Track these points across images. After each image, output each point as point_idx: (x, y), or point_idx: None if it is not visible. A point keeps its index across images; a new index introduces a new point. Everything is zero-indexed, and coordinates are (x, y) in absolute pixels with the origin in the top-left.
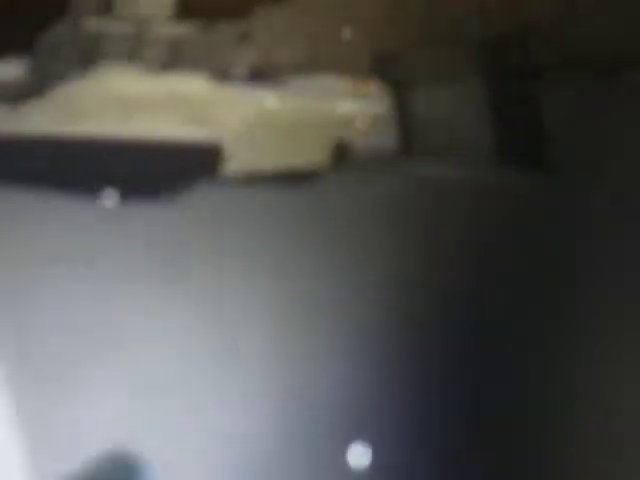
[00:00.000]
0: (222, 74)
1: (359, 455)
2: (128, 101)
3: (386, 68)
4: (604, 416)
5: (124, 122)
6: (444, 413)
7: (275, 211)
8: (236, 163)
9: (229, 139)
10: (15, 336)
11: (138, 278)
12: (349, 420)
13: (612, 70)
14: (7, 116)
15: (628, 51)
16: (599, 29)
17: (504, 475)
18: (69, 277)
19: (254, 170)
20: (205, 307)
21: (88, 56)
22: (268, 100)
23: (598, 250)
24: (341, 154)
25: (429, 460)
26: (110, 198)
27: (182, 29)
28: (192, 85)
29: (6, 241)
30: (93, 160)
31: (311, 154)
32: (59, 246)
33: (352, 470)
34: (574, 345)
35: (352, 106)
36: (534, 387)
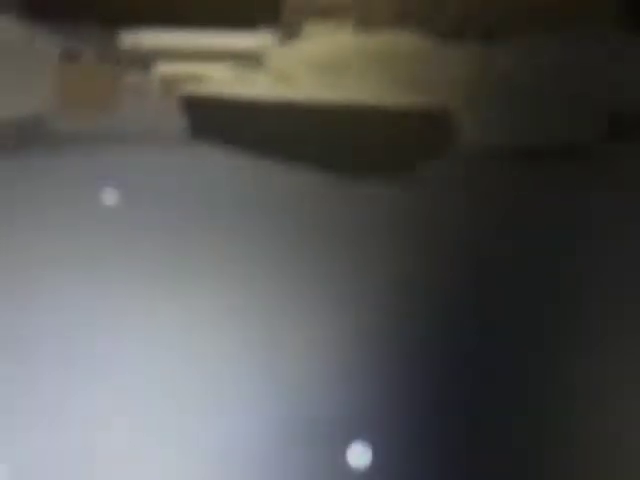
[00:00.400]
0: (443, 30)
1: (359, 455)
2: (334, 63)
3: None
4: (604, 416)
5: (331, 86)
6: (444, 413)
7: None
8: (470, 135)
9: (458, 106)
10: (15, 337)
11: (139, 278)
12: (349, 420)
13: None
14: (233, 82)
15: None
16: None
17: (504, 475)
18: (69, 278)
19: (496, 144)
20: (206, 308)
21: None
22: (503, 60)
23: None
24: (616, 124)
25: (429, 460)
26: (110, 198)
27: None
28: (407, 43)
29: (6, 242)
30: (297, 131)
31: (576, 125)
32: (59, 247)
33: (352, 470)
34: (574, 345)
35: (623, 66)
36: (534, 387)
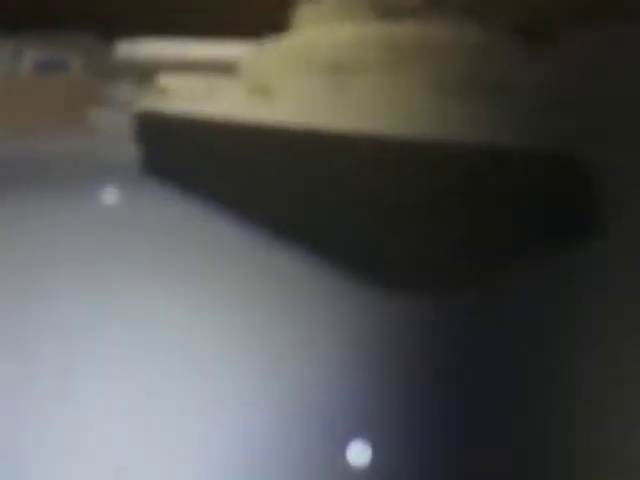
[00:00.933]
0: (488, 23)
1: (358, 454)
2: (339, 64)
3: None
4: (604, 416)
5: (335, 93)
6: (444, 412)
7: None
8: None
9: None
10: (15, 336)
11: (138, 277)
12: (348, 419)
13: None
14: (203, 97)
15: None
16: None
17: (504, 474)
18: (69, 277)
19: None
20: (207, 309)
21: None
22: None
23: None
24: None
25: (429, 459)
26: (110, 196)
27: None
28: (445, 34)
29: (6, 242)
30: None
31: None
32: (60, 246)
33: (351, 469)
34: (574, 345)
35: None
36: (534, 386)
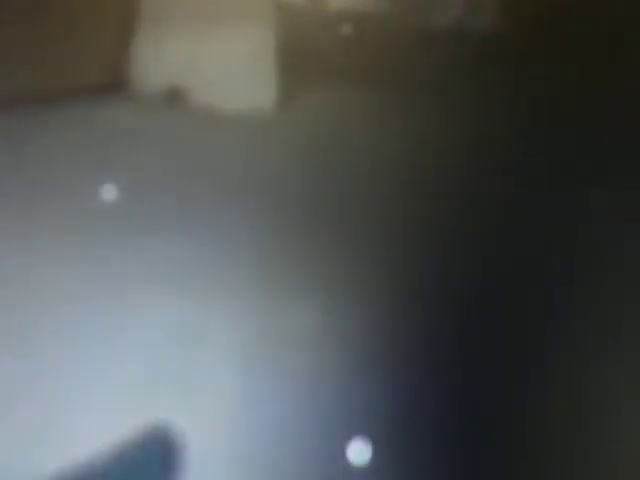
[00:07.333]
0: None
1: (359, 452)
2: None
3: None
4: (604, 416)
5: None
6: (443, 412)
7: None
8: None
9: None
10: (14, 335)
11: (137, 275)
12: (349, 417)
13: None
14: None
15: None
16: None
17: (504, 474)
18: (66, 276)
19: None
20: (208, 306)
21: None
22: None
23: None
24: None
25: (429, 459)
26: (109, 193)
27: None
28: None
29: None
30: None
31: None
32: (57, 243)
33: (352, 467)
34: (574, 345)
35: None
36: (534, 386)
